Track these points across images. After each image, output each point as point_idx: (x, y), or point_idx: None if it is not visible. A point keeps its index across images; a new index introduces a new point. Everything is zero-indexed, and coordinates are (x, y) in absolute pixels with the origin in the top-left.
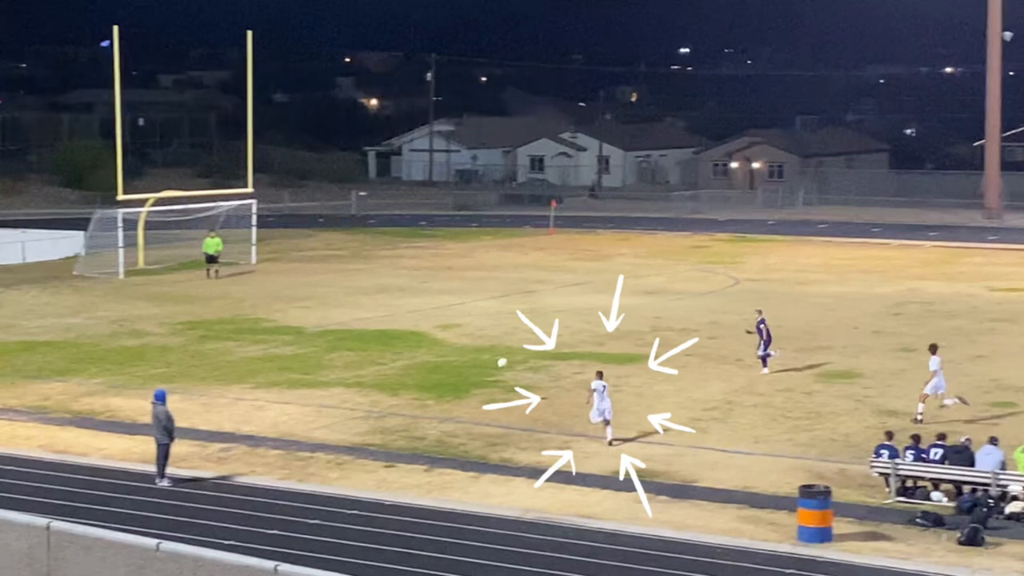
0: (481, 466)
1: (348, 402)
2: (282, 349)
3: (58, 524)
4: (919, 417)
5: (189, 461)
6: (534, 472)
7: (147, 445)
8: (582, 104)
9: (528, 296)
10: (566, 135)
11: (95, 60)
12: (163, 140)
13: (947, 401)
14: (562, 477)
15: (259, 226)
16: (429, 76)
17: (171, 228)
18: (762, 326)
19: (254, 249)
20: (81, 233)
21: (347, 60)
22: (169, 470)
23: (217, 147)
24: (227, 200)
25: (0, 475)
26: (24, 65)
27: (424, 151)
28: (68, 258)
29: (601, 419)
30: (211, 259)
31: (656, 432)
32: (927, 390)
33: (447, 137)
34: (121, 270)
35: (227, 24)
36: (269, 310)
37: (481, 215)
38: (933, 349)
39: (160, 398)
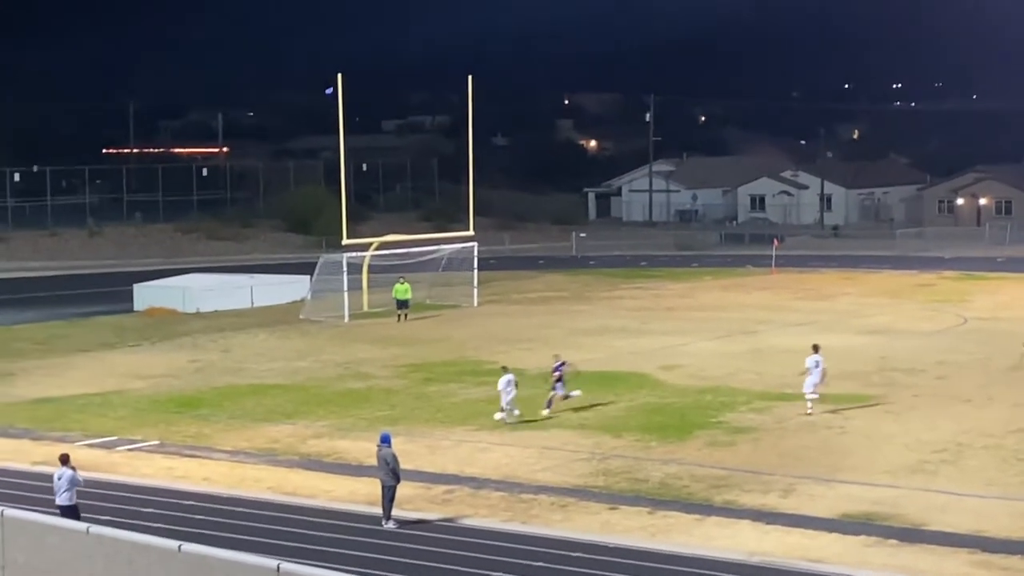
0: (705, 508)
1: (570, 444)
2: None
3: (288, 566)
4: (810, 411)
5: (414, 503)
6: (759, 515)
7: (373, 487)
8: (803, 142)
9: (751, 336)
10: (787, 173)
11: (319, 107)
12: (386, 185)
13: (810, 400)
14: (789, 520)
15: (480, 268)
16: (648, 116)
17: (394, 272)
18: None
19: (475, 291)
20: (307, 277)
21: (566, 102)
22: (395, 512)
23: (438, 191)
24: (449, 243)
25: (231, 516)
26: (251, 114)
27: (644, 191)
28: (295, 302)
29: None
30: (401, 304)
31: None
32: (807, 391)
33: (667, 177)
34: (346, 314)
35: (447, 70)
36: (491, 352)
37: (702, 255)
38: (815, 348)
39: (386, 440)
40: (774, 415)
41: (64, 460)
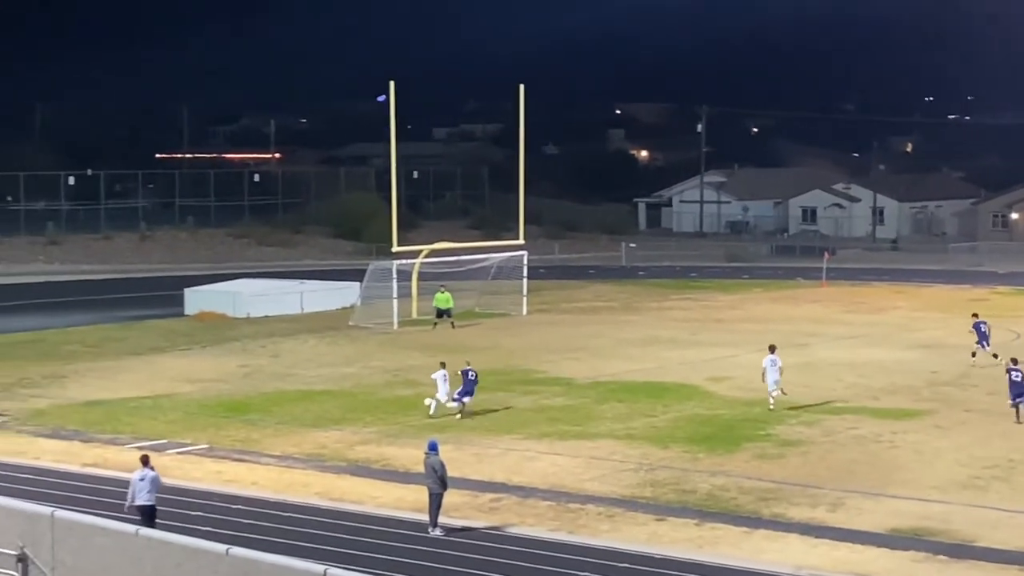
0: (753, 521)
1: (618, 454)
2: (553, 400)
3: (335, 571)
4: (772, 406)
5: (461, 511)
6: (807, 528)
7: (420, 494)
8: (855, 155)
9: (801, 349)
10: (839, 186)
11: (371, 115)
12: (436, 192)
13: (773, 394)
14: (837, 534)
15: (530, 277)
16: (700, 127)
17: (444, 279)
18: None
19: (525, 300)
20: (356, 284)
21: (617, 112)
22: (441, 519)
23: (488, 199)
24: (498, 251)
25: (278, 521)
26: (304, 120)
27: (695, 202)
28: (344, 308)
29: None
30: (441, 313)
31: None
32: (770, 388)
33: (718, 188)
34: (395, 320)
35: (499, 78)
36: (540, 361)
37: (752, 267)
38: (772, 349)
39: (433, 448)
40: (823, 428)
41: (145, 461)
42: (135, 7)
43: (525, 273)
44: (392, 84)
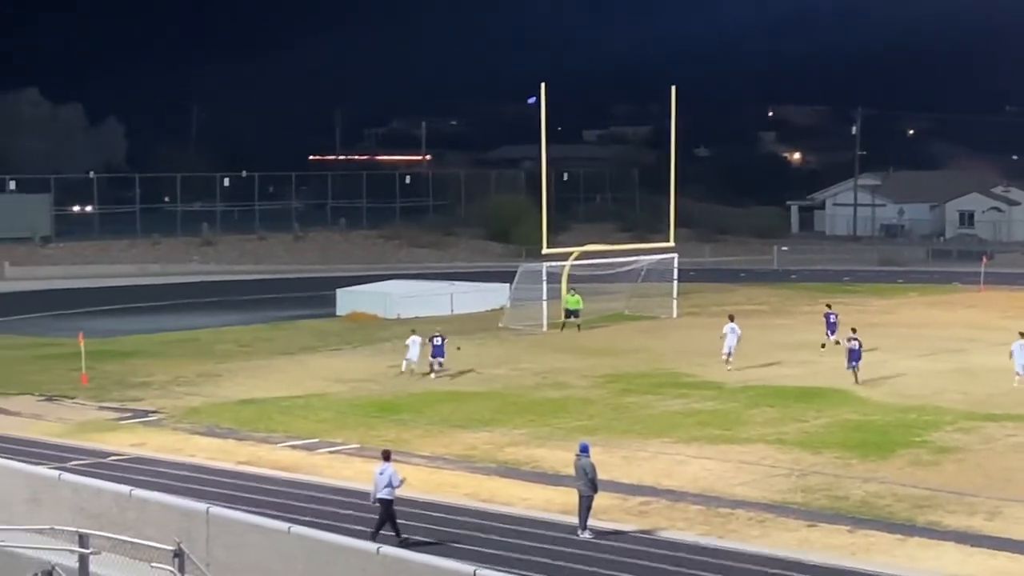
0: (908, 528)
1: (769, 458)
2: (703, 404)
3: (484, 571)
4: (728, 368)
5: (610, 514)
6: (963, 537)
7: (569, 496)
8: (1015, 157)
9: (957, 355)
10: (998, 189)
11: (521, 117)
12: (586, 195)
13: (727, 359)
14: (994, 543)
15: (680, 280)
16: (854, 130)
17: (593, 282)
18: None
19: (675, 303)
20: (506, 286)
21: (770, 114)
22: (591, 522)
23: (639, 202)
24: (649, 254)
25: (427, 521)
26: (454, 123)
27: (848, 205)
28: (493, 310)
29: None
30: (569, 314)
31: None
32: (724, 351)
33: (872, 191)
34: (545, 323)
35: (650, 80)
36: (690, 364)
37: (907, 271)
38: (731, 317)
39: (584, 450)
40: (981, 435)
41: (386, 456)
42: (293, 9)
43: (675, 276)
44: (543, 86)
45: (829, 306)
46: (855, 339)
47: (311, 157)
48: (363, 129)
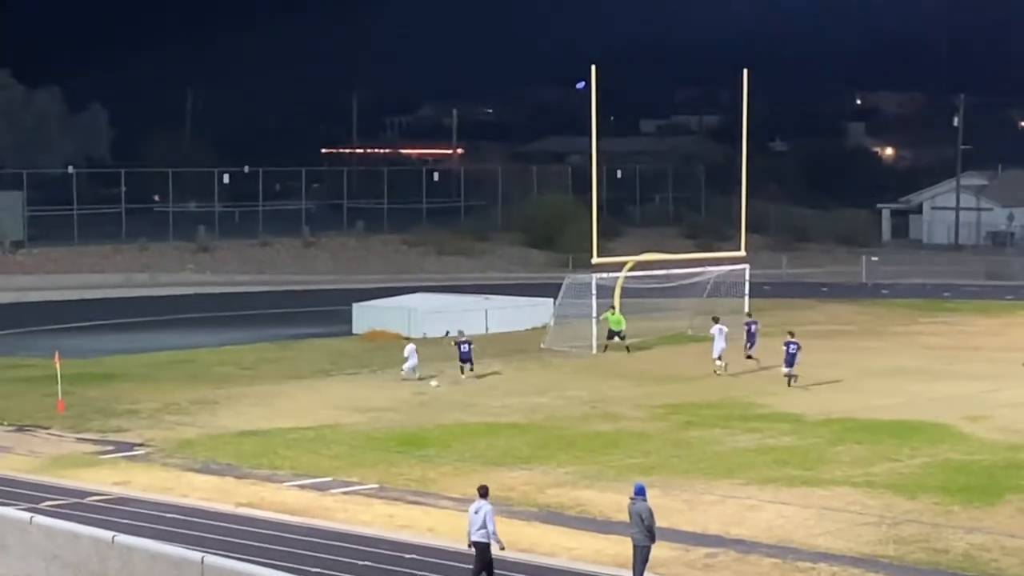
0: None
1: (856, 504)
2: (779, 439)
3: None
4: (719, 372)
5: (669, 567)
6: None
7: (623, 546)
8: None
9: None
10: None
11: (568, 104)
12: (643, 195)
13: (719, 363)
14: None
15: (752, 295)
16: (956, 121)
17: (652, 296)
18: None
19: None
20: (550, 301)
21: (858, 102)
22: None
23: (705, 203)
24: (716, 264)
25: (459, 574)
26: (490, 111)
27: (950, 209)
28: (535, 329)
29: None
30: (612, 335)
31: None
32: (714, 354)
33: (977, 192)
34: (594, 344)
35: (719, 61)
36: (764, 393)
37: (1018, 285)
38: (716, 319)
39: (640, 492)
40: None
41: (483, 492)
42: None
43: (747, 290)
44: (594, 68)
45: (750, 314)
46: (793, 342)
47: (324, 150)
48: (384, 118)
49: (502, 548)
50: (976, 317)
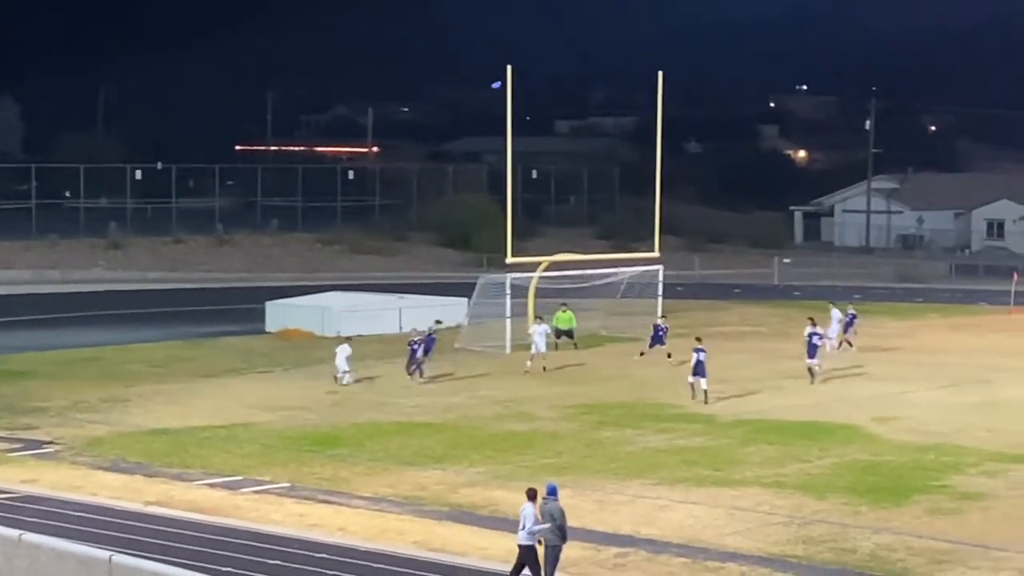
0: None
1: (765, 504)
2: (690, 440)
3: None
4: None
5: (580, 567)
6: None
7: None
8: None
9: (984, 386)
10: None
11: (484, 104)
12: (558, 195)
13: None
14: None
15: (665, 296)
16: (868, 124)
17: (566, 296)
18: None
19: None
20: (464, 300)
21: (771, 105)
22: None
23: (620, 204)
24: (630, 265)
25: (368, 573)
26: (406, 109)
27: (861, 212)
28: (450, 328)
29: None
30: (560, 334)
31: None
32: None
33: (888, 196)
34: (508, 344)
35: (634, 64)
36: (676, 394)
37: (927, 288)
38: (698, 340)
39: (552, 492)
40: (1009, 480)
41: (531, 495)
42: None
43: (660, 291)
44: (509, 69)
45: (664, 317)
46: (701, 349)
47: (238, 147)
48: (299, 115)
49: (540, 543)
50: (886, 319)
